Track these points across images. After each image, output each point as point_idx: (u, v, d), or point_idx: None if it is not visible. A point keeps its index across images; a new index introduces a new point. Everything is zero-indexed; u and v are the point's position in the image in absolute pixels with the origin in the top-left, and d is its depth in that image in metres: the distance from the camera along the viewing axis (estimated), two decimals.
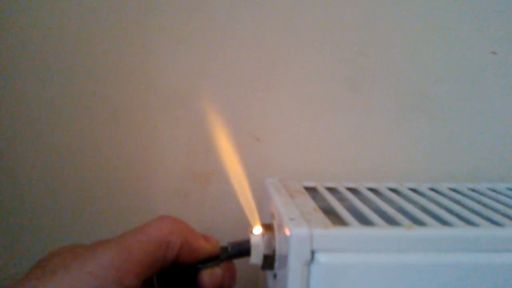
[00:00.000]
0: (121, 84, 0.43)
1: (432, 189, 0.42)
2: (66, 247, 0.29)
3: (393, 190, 0.42)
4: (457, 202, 0.38)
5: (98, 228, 0.44)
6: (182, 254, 0.30)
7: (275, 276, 0.34)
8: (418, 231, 0.30)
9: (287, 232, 0.29)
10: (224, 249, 0.33)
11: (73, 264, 0.26)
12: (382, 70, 0.45)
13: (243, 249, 0.33)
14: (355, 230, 0.30)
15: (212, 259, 0.32)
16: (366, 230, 0.30)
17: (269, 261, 0.33)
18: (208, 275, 0.31)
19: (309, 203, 0.36)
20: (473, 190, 0.42)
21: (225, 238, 0.34)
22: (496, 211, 0.36)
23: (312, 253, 0.29)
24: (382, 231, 0.30)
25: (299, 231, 0.29)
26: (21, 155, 0.44)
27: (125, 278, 0.27)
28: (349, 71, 0.45)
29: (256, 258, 0.33)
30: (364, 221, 0.33)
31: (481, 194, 0.41)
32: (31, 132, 0.43)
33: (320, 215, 0.33)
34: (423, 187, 0.43)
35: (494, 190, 0.42)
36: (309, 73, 0.45)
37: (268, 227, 0.34)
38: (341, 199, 0.38)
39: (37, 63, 0.42)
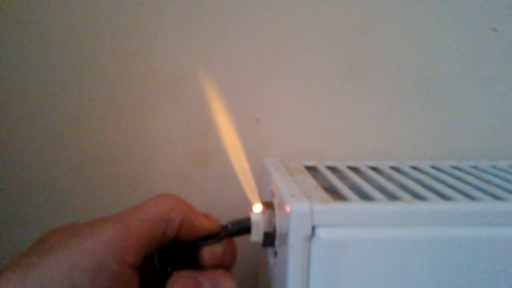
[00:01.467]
0: (119, 66, 0.43)
1: (434, 167, 0.42)
2: (65, 226, 0.29)
3: (394, 168, 0.42)
4: (459, 179, 0.38)
5: (97, 209, 0.44)
6: (182, 232, 0.30)
7: (275, 253, 0.34)
8: (419, 205, 0.30)
9: (288, 208, 0.29)
10: (224, 227, 0.33)
11: (72, 241, 0.26)
12: (382, 50, 0.45)
13: (243, 227, 0.33)
14: (356, 205, 0.30)
15: (212, 237, 0.32)
16: (367, 205, 0.30)
17: (269, 238, 0.33)
18: (209, 252, 0.31)
19: (310, 181, 0.35)
20: (475, 167, 0.42)
21: (225, 218, 0.34)
22: (498, 186, 0.36)
23: (313, 228, 0.29)
24: (383, 205, 0.30)
25: (300, 206, 0.29)
26: (20, 136, 0.43)
27: (125, 255, 0.27)
28: (349, 51, 0.44)
29: (256, 235, 0.33)
30: (365, 197, 0.32)
31: (483, 171, 0.41)
32: (32, 117, 0.43)
33: (321, 191, 0.32)
34: (425, 165, 0.42)
35: (496, 168, 0.42)
36: (308, 54, 0.44)
37: (268, 205, 0.33)
38: (342, 177, 0.38)
39: (35, 49, 0.42)
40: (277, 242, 0.32)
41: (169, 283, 0.29)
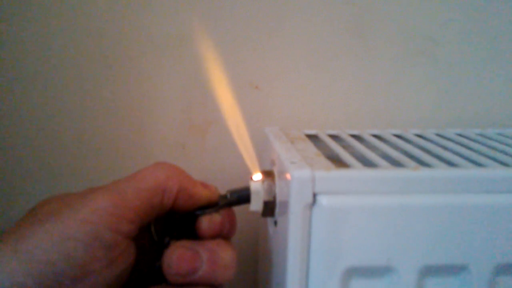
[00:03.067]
0: (113, 31, 0.41)
1: (439, 135, 0.41)
2: (58, 196, 0.28)
3: (398, 136, 0.40)
4: (464, 146, 0.37)
5: (91, 179, 0.43)
6: (180, 201, 0.29)
7: (275, 223, 0.33)
8: (424, 172, 0.29)
9: (288, 175, 0.28)
10: (223, 197, 0.32)
11: (64, 211, 0.25)
12: (387, 12, 0.43)
13: (242, 196, 0.32)
14: (359, 171, 0.29)
15: (211, 206, 0.31)
16: (370, 172, 0.29)
17: (269, 207, 0.32)
18: (207, 222, 0.30)
19: (311, 149, 0.34)
20: (480, 135, 0.41)
21: (224, 188, 0.33)
22: (505, 153, 0.35)
23: (314, 196, 0.28)
24: (386, 172, 0.29)
25: (301, 173, 0.28)
26: (19, 108, 0.42)
27: (119, 225, 0.26)
28: (352, 13, 0.43)
29: (256, 205, 0.32)
30: (368, 164, 0.31)
31: (489, 138, 0.40)
32: (29, 88, 0.42)
33: (322, 159, 0.31)
34: (429, 133, 0.41)
35: (502, 135, 0.41)
36: (311, 17, 0.42)
37: (268, 174, 0.33)
38: (344, 145, 0.37)
39: (29, 18, 0.40)
40: (277, 211, 0.32)
41: (167, 254, 0.28)
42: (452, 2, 0.43)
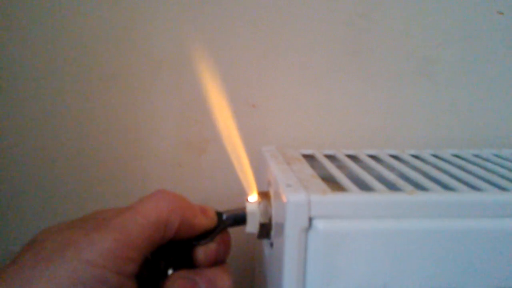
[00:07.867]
0: (110, 49, 0.41)
1: (435, 156, 0.41)
2: (59, 227, 0.27)
3: (394, 157, 0.40)
4: (461, 168, 0.37)
5: (90, 198, 0.43)
6: (180, 232, 0.29)
7: (271, 245, 0.33)
8: (420, 196, 0.29)
9: (284, 199, 0.28)
10: (219, 215, 0.32)
11: (69, 251, 0.25)
12: (383, 32, 0.43)
13: (238, 218, 0.32)
14: (355, 195, 0.29)
15: (208, 233, 0.31)
16: (366, 196, 0.29)
17: (265, 229, 0.32)
18: (203, 252, 0.30)
19: (307, 170, 0.34)
20: (477, 156, 0.41)
21: (221, 208, 0.33)
22: (501, 176, 0.35)
23: (310, 220, 0.28)
24: (382, 196, 0.29)
25: (296, 197, 0.28)
26: (13, 124, 0.42)
27: (124, 266, 0.25)
28: (349, 34, 0.43)
29: (252, 226, 0.32)
30: (364, 187, 0.31)
31: (485, 160, 0.40)
32: (24, 101, 0.42)
33: (318, 181, 0.31)
34: (425, 154, 0.41)
35: (499, 156, 0.41)
36: (308, 36, 0.43)
37: (264, 195, 0.32)
38: (340, 166, 0.37)
39: (26, 29, 0.40)
40: (273, 233, 0.32)
41: (166, 285, 0.28)
42: (449, 23, 0.44)
